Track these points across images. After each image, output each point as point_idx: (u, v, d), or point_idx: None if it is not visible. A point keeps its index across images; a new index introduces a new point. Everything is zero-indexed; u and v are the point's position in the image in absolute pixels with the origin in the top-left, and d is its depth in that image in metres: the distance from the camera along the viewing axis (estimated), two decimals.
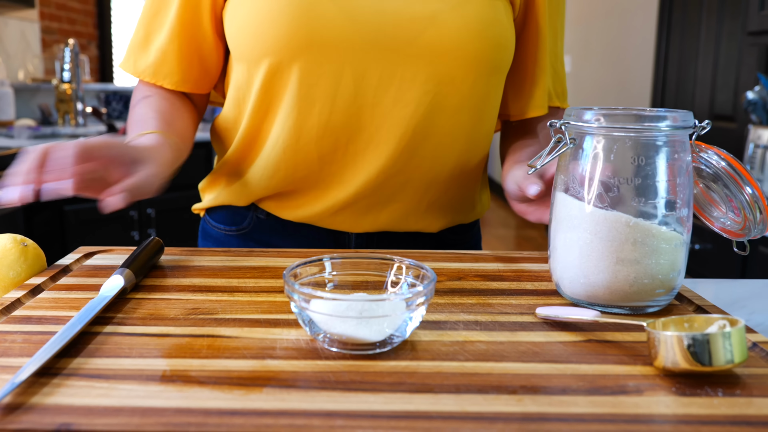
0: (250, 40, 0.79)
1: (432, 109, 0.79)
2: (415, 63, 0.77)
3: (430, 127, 0.80)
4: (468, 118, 0.82)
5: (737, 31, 2.57)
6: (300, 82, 0.78)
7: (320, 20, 0.75)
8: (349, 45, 0.76)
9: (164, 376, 0.47)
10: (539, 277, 0.71)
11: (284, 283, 0.52)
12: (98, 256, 0.77)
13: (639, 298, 0.59)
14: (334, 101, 0.78)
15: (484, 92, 0.83)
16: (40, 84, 3.37)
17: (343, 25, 0.76)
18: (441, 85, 0.78)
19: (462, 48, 0.77)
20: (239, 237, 0.91)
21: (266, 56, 0.78)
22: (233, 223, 0.91)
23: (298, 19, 0.75)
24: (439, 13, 0.76)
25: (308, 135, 0.81)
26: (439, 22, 0.76)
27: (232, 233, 0.92)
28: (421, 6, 0.77)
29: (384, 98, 0.78)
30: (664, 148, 0.57)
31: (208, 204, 0.93)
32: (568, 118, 0.60)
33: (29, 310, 0.59)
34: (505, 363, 0.49)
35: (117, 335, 0.54)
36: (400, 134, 0.79)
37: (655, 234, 0.57)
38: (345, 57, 0.77)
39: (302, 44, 0.76)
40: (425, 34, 0.76)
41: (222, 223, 0.93)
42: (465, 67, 0.79)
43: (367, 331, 0.50)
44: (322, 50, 0.76)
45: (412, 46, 0.77)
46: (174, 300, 0.62)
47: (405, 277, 0.58)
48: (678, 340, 0.46)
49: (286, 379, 0.46)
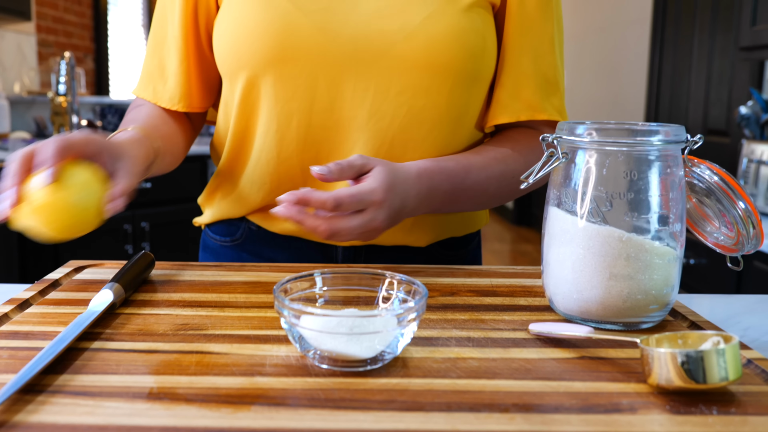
0: (228, 54, 0.81)
1: (409, 121, 0.79)
2: (388, 75, 0.78)
3: (408, 140, 0.80)
4: (449, 129, 0.82)
5: (729, 46, 2.59)
6: (276, 96, 0.79)
7: (293, 34, 0.77)
8: (322, 58, 0.77)
9: (151, 394, 0.46)
10: (533, 293, 0.70)
11: (274, 298, 0.52)
12: (88, 270, 0.77)
13: (632, 314, 0.58)
14: (311, 115, 0.80)
15: (464, 102, 0.82)
16: (35, 97, 3.37)
17: (315, 38, 0.77)
18: (416, 98, 0.79)
19: (433, 59, 0.78)
20: (233, 248, 0.92)
21: (242, 69, 0.80)
22: (228, 233, 0.92)
23: (271, 33, 0.77)
24: (409, 26, 0.77)
25: (289, 148, 0.82)
26: (410, 34, 0.77)
27: (227, 244, 0.92)
28: (393, 19, 0.77)
29: (359, 111, 0.79)
30: (657, 163, 0.57)
31: (207, 219, 0.94)
32: (560, 132, 0.59)
33: (16, 325, 0.59)
34: (497, 380, 0.49)
35: (105, 351, 0.53)
36: (377, 147, 0.80)
37: (648, 249, 0.57)
38: (318, 70, 0.78)
39: (276, 57, 0.78)
40: (396, 47, 0.77)
41: (218, 234, 0.94)
42: (439, 78, 0.79)
43: (358, 348, 0.49)
44: (296, 63, 0.78)
45: (384, 58, 0.77)
46: (163, 315, 0.62)
47: (396, 293, 0.57)
48: (672, 357, 0.45)
49: (274, 397, 0.46)
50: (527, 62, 0.85)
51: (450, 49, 0.78)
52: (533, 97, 0.85)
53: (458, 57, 0.78)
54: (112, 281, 0.64)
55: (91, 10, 4.37)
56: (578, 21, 4.45)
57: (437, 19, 0.77)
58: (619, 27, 3.82)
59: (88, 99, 3.69)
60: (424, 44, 0.77)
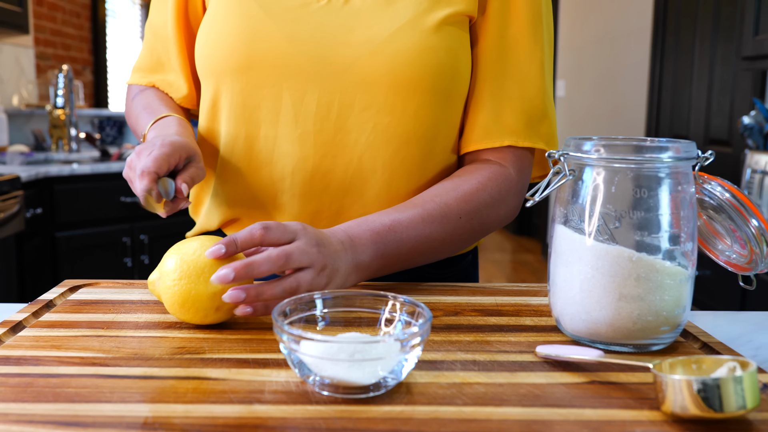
0: (201, 58, 0.82)
1: (375, 138, 0.77)
2: (352, 90, 0.76)
3: (377, 157, 0.78)
4: (418, 148, 0.79)
5: (731, 55, 2.58)
6: (245, 104, 0.79)
7: (261, 40, 0.77)
8: (287, 67, 0.77)
9: (146, 424, 0.44)
10: (539, 312, 0.69)
11: (273, 322, 0.50)
12: (83, 290, 0.75)
13: (643, 335, 0.57)
14: (276, 126, 0.79)
15: (434, 122, 0.79)
16: (34, 110, 3.36)
17: (282, 46, 0.76)
18: (381, 114, 0.77)
19: (395, 76, 0.75)
20: None
21: (212, 75, 0.81)
22: None
23: (240, 38, 0.77)
24: (374, 40, 0.75)
25: (257, 160, 0.81)
26: (374, 49, 0.75)
27: None
28: (359, 32, 0.76)
29: (325, 124, 0.77)
30: (667, 180, 0.55)
31: (195, 231, 0.93)
32: (567, 148, 0.58)
33: (8, 350, 0.57)
34: (505, 407, 0.47)
35: (98, 377, 0.51)
36: (345, 164, 0.78)
37: (659, 269, 0.55)
38: (283, 79, 0.77)
39: (243, 63, 0.78)
40: (360, 61, 0.75)
41: None
42: (403, 96, 0.76)
43: (360, 374, 0.48)
44: (262, 71, 0.77)
45: (347, 72, 0.76)
46: (160, 338, 0.60)
47: (399, 315, 0.56)
48: (687, 385, 0.43)
49: (274, 427, 0.44)
50: (512, 87, 0.81)
51: (415, 66, 0.75)
52: (517, 123, 0.81)
53: (424, 74, 0.76)
54: None
55: (89, 22, 4.37)
56: (578, 31, 4.45)
57: (404, 35, 0.75)
58: (620, 36, 3.82)
59: (86, 111, 3.69)
60: (389, 60, 0.75)
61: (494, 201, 0.80)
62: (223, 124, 0.83)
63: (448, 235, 0.77)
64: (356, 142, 0.78)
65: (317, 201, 0.80)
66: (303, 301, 0.56)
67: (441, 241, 0.77)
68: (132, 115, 0.91)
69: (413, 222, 0.74)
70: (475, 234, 0.80)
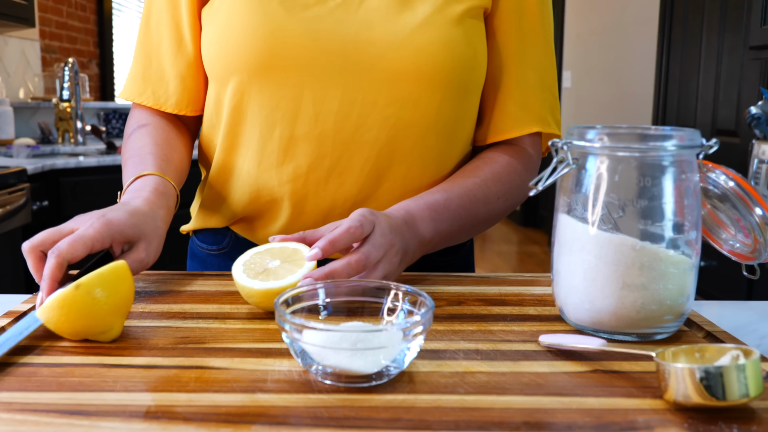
0: (219, 57, 0.79)
1: (395, 134, 0.77)
2: (375, 87, 0.76)
3: (395, 152, 0.78)
4: (437, 141, 0.80)
5: (738, 45, 2.56)
6: (261, 104, 0.78)
7: (283, 39, 0.75)
8: (310, 67, 0.76)
9: (149, 412, 0.44)
10: (542, 302, 0.68)
11: (275, 311, 0.50)
12: None
13: (646, 324, 0.56)
14: (294, 125, 0.77)
15: (453, 114, 0.80)
16: (40, 102, 3.37)
17: (305, 45, 0.75)
18: (404, 109, 0.77)
19: (421, 70, 0.76)
20: (220, 256, 0.91)
21: (233, 74, 0.78)
22: (214, 242, 0.91)
23: (262, 37, 0.75)
24: (398, 36, 0.75)
25: (269, 160, 0.80)
26: (398, 45, 0.75)
27: (213, 252, 0.91)
28: (382, 29, 0.75)
29: (345, 124, 0.77)
30: (671, 169, 0.55)
31: (192, 226, 0.93)
32: (570, 137, 0.58)
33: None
34: (507, 396, 0.47)
35: (102, 367, 0.52)
36: (363, 161, 0.78)
37: (662, 258, 0.55)
38: (305, 79, 0.76)
39: (265, 62, 0.76)
40: (384, 58, 0.75)
41: (204, 243, 0.92)
42: (428, 90, 0.77)
43: (362, 363, 0.48)
44: (283, 70, 0.76)
45: (372, 70, 0.76)
46: (163, 328, 0.60)
47: (402, 304, 0.56)
48: (690, 373, 0.43)
49: (276, 415, 0.44)
50: (533, 75, 0.84)
51: (439, 60, 0.76)
52: (542, 111, 0.85)
53: (447, 68, 0.76)
54: None
55: (95, 15, 4.37)
56: (585, 21, 4.42)
57: (427, 29, 0.76)
58: (626, 27, 3.79)
59: (92, 104, 3.69)
60: (414, 54, 0.75)
61: (522, 182, 0.84)
62: (242, 124, 0.80)
63: (489, 214, 0.81)
64: (376, 140, 0.77)
65: (331, 198, 0.80)
66: (305, 290, 0.56)
67: (483, 220, 0.81)
68: (123, 157, 0.86)
69: (462, 201, 0.78)
70: (505, 213, 0.85)
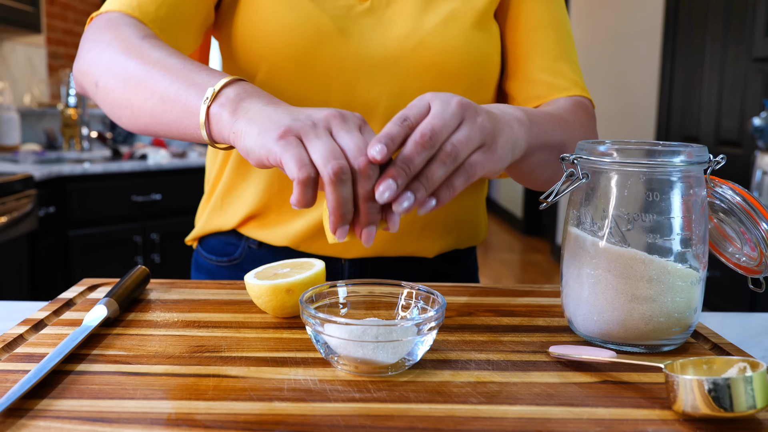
0: (253, 43, 0.78)
1: None
2: (402, 80, 0.79)
3: None
4: None
5: (742, 56, 2.57)
6: (289, 96, 0.78)
7: (316, 32, 0.77)
8: (340, 62, 0.78)
9: (169, 420, 0.45)
10: (551, 312, 0.69)
11: (301, 308, 0.54)
12: (102, 289, 0.76)
13: (654, 336, 0.57)
14: None
15: None
16: (45, 109, 3.39)
17: (334, 40, 0.77)
18: None
19: (446, 64, 0.79)
20: (230, 268, 0.90)
21: (262, 63, 0.78)
22: (224, 253, 0.90)
23: (297, 28, 0.76)
24: (420, 32, 0.78)
25: None
26: (422, 40, 0.78)
27: (223, 264, 0.91)
28: (408, 25, 0.79)
29: (373, 116, 0.79)
30: (679, 184, 0.56)
31: (199, 233, 0.92)
32: (581, 152, 0.59)
33: (32, 347, 0.58)
34: (519, 406, 0.48)
35: (121, 375, 0.53)
36: None
37: (670, 271, 0.56)
38: (334, 74, 0.78)
39: (297, 54, 0.77)
40: (411, 54, 0.78)
41: (213, 254, 0.92)
42: (450, 83, 0.79)
43: (384, 355, 0.52)
44: (314, 64, 0.77)
45: (398, 63, 0.78)
46: (179, 336, 0.61)
47: (415, 302, 0.60)
48: (698, 384, 0.44)
49: (293, 423, 0.45)
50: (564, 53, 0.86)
51: (461, 56, 0.79)
52: (577, 78, 0.86)
53: (469, 63, 0.80)
54: (105, 296, 0.65)
55: None
56: (588, 31, 4.45)
57: (449, 27, 0.79)
58: (630, 37, 3.81)
59: (98, 111, 3.71)
60: (437, 50, 0.78)
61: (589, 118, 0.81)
62: None
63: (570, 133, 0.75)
64: None
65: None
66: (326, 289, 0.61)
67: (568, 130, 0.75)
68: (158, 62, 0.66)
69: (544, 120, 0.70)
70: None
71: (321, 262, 0.69)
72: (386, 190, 0.51)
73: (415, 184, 0.53)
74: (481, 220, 0.94)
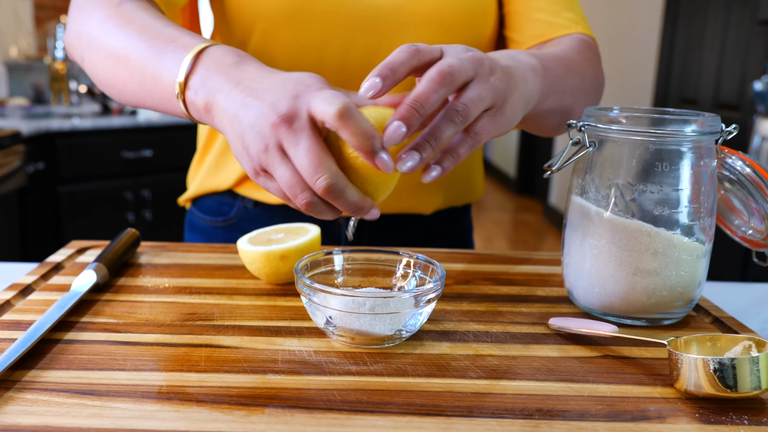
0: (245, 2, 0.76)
1: None
2: (400, 33, 0.76)
3: None
4: None
5: (746, 19, 2.53)
6: (286, 53, 0.76)
7: None
8: (336, 15, 0.75)
9: (161, 393, 0.44)
10: (550, 282, 0.68)
11: (296, 278, 0.53)
12: (91, 251, 0.74)
13: (656, 310, 0.56)
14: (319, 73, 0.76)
15: None
16: (33, 62, 3.31)
17: None
18: None
19: (445, 16, 0.77)
20: (225, 228, 0.89)
21: (258, 20, 0.76)
22: (219, 213, 0.89)
23: None
24: None
25: None
26: None
27: (218, 224, 0.89)
28: None
29: (371, 69, 0.76)
30: (689, 154, 0.54)
31: (192, 193, 0.91)
32: (588, 119, 0.57)
33: (19, 314, 0.57)
34: (519, 381, 0.47)
35: (111, 344, 0.51)
36: None
37: (676, 244, 0.54)
38: (331, 27, 0.76)
39: (291, 9, 0.75)
40: (410, 4, 0.76)
41: (208, 214, 0.90)
42: (450, 36, 0.77)
43: (381, 326, 0.51)
44: (310, 19, 0.75)
45: (396, 14, 0.76)
46: (170, 303, 0.60)
47: (413, 271, 0.59)
48: (703, 364, 0.43)
49: (289, 398, 0.44)
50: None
51: (460, 6, 0.77)
52: (575, 15, 0.82)
53: (469, 14, 0.78)
54: (94, 261, 0.63)
55: None
56: None
57: None
58: None
59: None
60: (439, 2, 0.76)
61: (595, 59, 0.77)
62: None
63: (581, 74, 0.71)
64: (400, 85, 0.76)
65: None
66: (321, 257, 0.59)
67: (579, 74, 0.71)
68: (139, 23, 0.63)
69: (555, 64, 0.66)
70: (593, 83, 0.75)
71: (316, 227, 0.68)
72: (395, 135, 0.48)
73: (421, 142, 0.50)
74: (477, 176, 0.93)
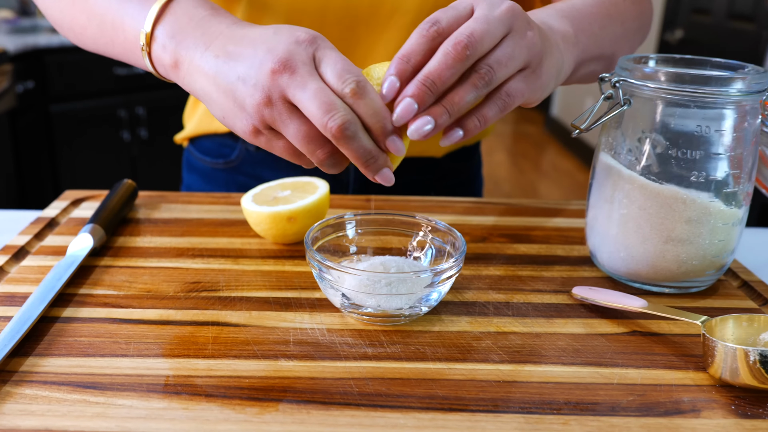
0: None
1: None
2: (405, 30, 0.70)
3: None
4: None
5: None
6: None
7: None
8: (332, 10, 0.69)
9: (167, 385, 0.42)
10: (570, 239, 0.65)
11: (307, 253, 0.49)
12: (86, 204, 0.71)
13: (685, 277, 0.53)
14: (324, 11, 0.70)
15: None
16: None
17: None
18: None
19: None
20: (227, 170, 0.85)
21: None
22: (219, 155, 0.84)
23: None
24: None
25: None
26: None
27: (218, 166, 0.85)
28: None
29: (380, 8, 0.70)
30: (732, 114, 0.49)
31: (190, 133, 0.86)
32: (622, 73, 0.52)
33: (13, 285, 0.54)
34: (544, 366, 0.45)
35: (111, 322, 0.49)
36: (395, 48, 0.71)
37: (712, 212, 0.51)
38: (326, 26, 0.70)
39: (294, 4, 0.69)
40: None
41: (208, 155, 0.86)
42: None
43: (398, 302, 0.48)
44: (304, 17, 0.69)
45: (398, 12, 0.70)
46: (172, 269, 0.57)
47: (431, 239, 0.55)
48: (743, 354, 0.41)
49: (303, 390, 0.41)
50: None
51: None
52: None
53: None
54: (90, 221, 0.60)
55: None
56: None
57: None
58: None
59: None
60: None
61: None
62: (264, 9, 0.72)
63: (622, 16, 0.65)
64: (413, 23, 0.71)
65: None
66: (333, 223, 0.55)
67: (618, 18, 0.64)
68: None
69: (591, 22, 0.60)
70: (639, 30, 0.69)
71: (324, 182, 0.64)
72: (404, 113, 0.43)
73: (437, 108, 0.44)
74: None
